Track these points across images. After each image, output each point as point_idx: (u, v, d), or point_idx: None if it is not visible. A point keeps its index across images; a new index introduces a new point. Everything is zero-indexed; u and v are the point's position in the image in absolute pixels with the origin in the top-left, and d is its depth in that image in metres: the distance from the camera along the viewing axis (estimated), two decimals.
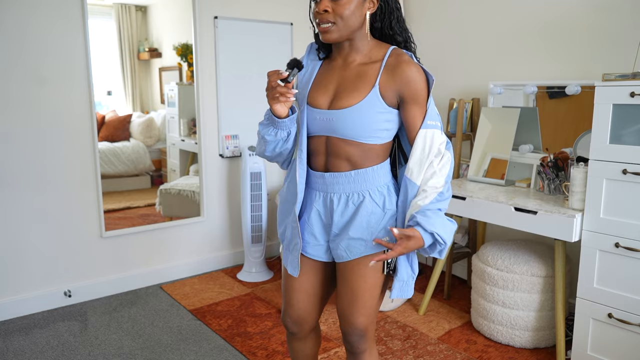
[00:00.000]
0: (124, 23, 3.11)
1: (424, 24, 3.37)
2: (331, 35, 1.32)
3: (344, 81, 1.37)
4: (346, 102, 1.33)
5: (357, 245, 1.41)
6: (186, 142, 3.39)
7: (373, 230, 1.41)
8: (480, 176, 2.73)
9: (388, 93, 1.33)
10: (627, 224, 1.99)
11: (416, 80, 1.33)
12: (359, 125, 1.33)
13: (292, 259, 1.51)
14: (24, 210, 2.71)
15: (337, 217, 1.43)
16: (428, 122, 1.35)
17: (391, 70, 1.33)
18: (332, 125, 1.35)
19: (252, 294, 3.04)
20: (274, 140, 1.40)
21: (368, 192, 1.40)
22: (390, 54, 1.36)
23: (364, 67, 1.36)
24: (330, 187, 1.42)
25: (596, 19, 2.52)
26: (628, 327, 2.02)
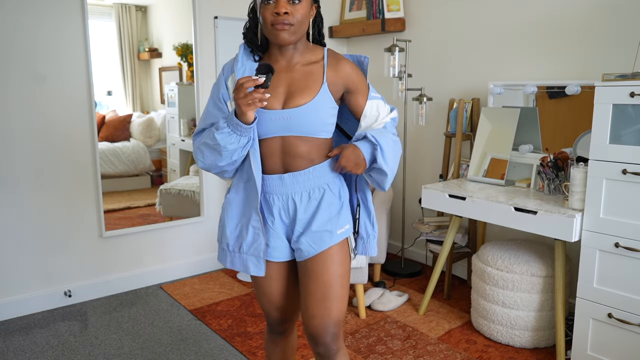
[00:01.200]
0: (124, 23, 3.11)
1: (424, 24, 3.37)
2: (288, 37, 1.36)
3: (294, 82, 1.42)
4: (301, 100, 1.39)
5: (322, 237, 1.44)
6: (186, 142, 3.39)
7: (335, 220, 1.47)
8: (480, 176, 2.73)
9: (334, 88, 1.43)
10: (627, 224, 1.99)
11: (356, 72, 1.46)
12: (315, 121, 1.40)
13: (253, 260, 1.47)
14: (24, 210, 2.71)
15: (300, 215, 1.46)
16: (372, 94, 1.48)
17: (334, 67, 1.44)
18: (289, 123, 1.39)
19: (252, 294, 3.04)
20: (235, 149, 1.37)
21: (327, 185, 1.47)
22: (327, 54, 1.46)
23: (308, 67, 1.44)
24: (290, 188, 1.45)
25: (596, 19, 2.52)
26: (628, 327, 2.02)
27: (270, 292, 1.55)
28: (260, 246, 1.46)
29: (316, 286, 1.45)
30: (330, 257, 1.45)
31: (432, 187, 2.62)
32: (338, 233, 1.46)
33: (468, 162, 2.90)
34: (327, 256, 1.45)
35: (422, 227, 3.10)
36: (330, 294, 1.44)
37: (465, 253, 3.11)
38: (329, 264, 1.45)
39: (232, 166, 1.46)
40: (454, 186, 2.64)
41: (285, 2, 1.34)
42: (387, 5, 3.45)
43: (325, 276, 1.44)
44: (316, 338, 1.45)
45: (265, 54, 1.48)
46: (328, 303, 1.44)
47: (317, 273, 1.45)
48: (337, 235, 1.46)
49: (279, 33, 1.35)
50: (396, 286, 3.16)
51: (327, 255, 1.45)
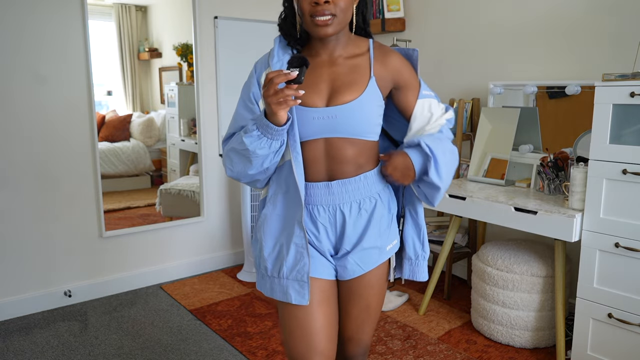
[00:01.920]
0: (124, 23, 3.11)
1: (424, 24, 3.37)
2: (332, 29, 1.19)
3: (339, 77, 1.25)
4: (348, 97, 1.22)
5: (371, 254, 1.28)
6: (186, 142, 3.39)
7: (385, 236, 1.31)
8: (480, 176, 2.73)
9: (383, 83, 1.28)
10: (627, 224, 1.99)
11: (407, 66, 1.31)
12: (363, 120, 1.24)
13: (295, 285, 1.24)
14: (24, 210, 2.71)
15: (349, 230, 1.27)
16: (424, 92, 1.31)
17: (381, 60, 1.28)
18: (334, 123, 1.22)
19: (252, 294, 3.04)
20: (265, 155, 1.19)
21: (378, 195, 1.30)
22: (374, 46, 1.31)
23: (353, 60, 1.28)
24: (338, 198, 1.26)
25: (596, 19, 2.52)
26: (628, 327, 2.02)
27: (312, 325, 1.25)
28: (304, 268, 1.23)
29: (359, 310, 1.33)
30: (376, 277, 1.32)
31: None
32: (387, 249, 1.31)
33: (468, 162, 2.90)
34: (373, 276, 1.31)
35: None
36: (371, 316, 1.35)
37: (465, 253, 3.11)
38: (374, 284, 1.32)
39: (264, 175, 1.27)
40: (454, 186, 2.64)
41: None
42: (387, 5, 3.45)
43: (370, 299, 1.32)
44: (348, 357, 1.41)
45: (304, 47, 1.32)
46: (366, 327, 1.35)
47: (361, 295, 1.31)
48: (387, 252, 1.31)
49: (320, 26, 1.18)
50: (396, 286, 3.16)
51: (373, 274, 1.31)
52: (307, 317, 1.25)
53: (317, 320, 1.25)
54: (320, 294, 1.27)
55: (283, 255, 1.26)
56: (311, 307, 1.25)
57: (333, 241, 1.30)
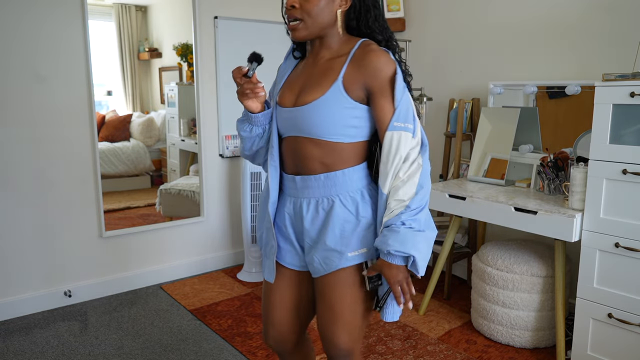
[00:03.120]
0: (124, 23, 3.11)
1: (424, 24, 3.37)
2: (299, 33, 1.26)
3: (311, 78, 1.30)
4: (309, 98, 1.25)
5: (332, 257, 1.30)
6: (186, 142, 3.39)
7: (347, 240, 1.29)
8: (480, 176, 2.73)
9: (353, 86, 1.24)
10: (627, 224, 1.99)
11: (383, 70, 1.23)
12: (323, 122, 1.24)
13: (268, 263, 1.40)
14: (24, 210, 2.71)
15: (307, 225, 1.33)
16: (395, 123, 1.22)
17: (357, 61, 1.24)
18: (297, 123, 1.28)
19: (252, 294, 3.04)
20: (249, 137, 1.37)
21: (338, 197, 1.29)
22: (358, 46, 1.28)
23: (330, 62, 1.29)
24: (300, 192, 1.33)
25: (596, 19, 2.52)
26: (628, 327, 2.02)
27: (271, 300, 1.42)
28: (272, 249, 1.37)
29: (324, 308, 1.34)
30: (339, 281, 1.30)
31: (432, 187, 2.62)
32: (349, 255, 1.29)
33: (468, 162, 2.90)
34: (336, 279, 1.31)
35: None
36: (338, 320, 1.32)
37: (465, 253, 3.11)
38: (337, 288, 1.31)
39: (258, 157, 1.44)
40: (454, 186, 2.64)
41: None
42: (387, 5, 3.45)
43: (334, 301, 1.32)
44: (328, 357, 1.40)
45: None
46: (334, 328, 1.32)
47: (325, 295, 1.33)
48: (348, 258, 1.29)
49: (291, 30, 1.27)
50: None
51: (336, 278, 1.31)
52: (271, 293, 1.42)
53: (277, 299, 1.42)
54: (286, 279, 1.41)
55: (262, 236, 1.43)
56: (276, 286, 1.41)
57: (295, 230, 1.38)
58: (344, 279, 1.31)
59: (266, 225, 1.39)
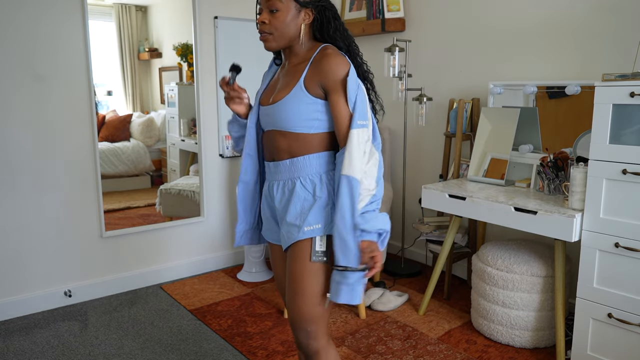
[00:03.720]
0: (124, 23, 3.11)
1: (424, 24, 3.37)
2: (269, 44, 1.49)
3: (283, 80, 1.52)
4: (279, 96, 1.48)
5: (292, 230, 1.47)
6: (186, 142, 3.39)
7: (305, 216, 1.46)
8: (480, 176, 2.73)
9: (312, 84, 1.43)
10: (627, 224, 1.99)
11: (333, 70, 1.40)
12: (288, 116, 1.45)
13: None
14: (24, 210, 2.71)
15: (277, 203, 1.53)
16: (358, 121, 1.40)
17: (315, 64, 1.44)
18: (270, 119, 1.50)
19: (252, 294, 3.04)
20: (238, 136, 1.66)
21: (299, 179, 1.49)
22: (318, 51, 1.47)
23: (297, 66, 1.49)
24: (272, 176, 1.55)
25: (596, 19, 2.52)
26: (628, 327, 2.02)
27: (275, 274, 1.68)
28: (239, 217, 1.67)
29: (287, 280, 1.50)
30: (297, 252, 1.46)
31: (432, 187, 2.62)
32: (305, 230, 1.45)
33: (468, 162, 2.90)
34: (295, 251, 1.47)
35: (422, 227, 3.10)
36: (297, 290, 1.45)
37: (465, 253, 3.11)
38: (295, 258, 1.46)
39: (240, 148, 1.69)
40: (454, 186, 2.64)
41: (266, 13, 1.46)
42: (387, 5, 3.45)
43: (292, 271, 1.47)
44: (293, 331, 1.51)
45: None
46: (296, 299, 1.46)
47: (288, 267, 1.50)
48: (304, 232, 1.45)
49: (263, 42, 1.50)
50: (396, 286, 3.16)
51: (295, 250, 1.47)
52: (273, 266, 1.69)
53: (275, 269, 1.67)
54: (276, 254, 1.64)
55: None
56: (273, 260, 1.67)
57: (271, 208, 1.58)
58: (301, 251, 1.46)
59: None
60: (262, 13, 1.47)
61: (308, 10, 1.47)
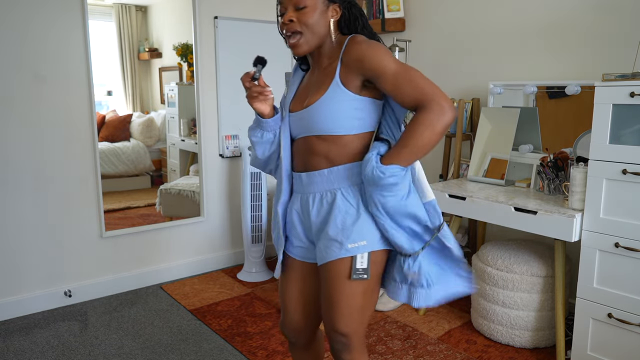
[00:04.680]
0: (124, 23, 3.11)
1: (424, 24, 3.37)
2: (301, 49, 1.36)
3: (314, 83, 1.41)
4: (313, 100, 1.37)
5: (332, 246, 1.36)
6: (186, 142, 3.39)
7: (348, 232, 1.35)
8: (480, 176, 2.73)
9: (348, 78, 1.33)
10: (627, 224, 1.99)
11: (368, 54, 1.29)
12: (327, 117, 1.34)
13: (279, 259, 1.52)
14: (24, 210, 2.71)
15: (313, 217, 1.42)
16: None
17: (347, 56, 1.33)
18: (305, 123, 1.39)
19: (252, 294, 3.04)
20: (260, 142, 1.46)
21: (340, 190, 1.37)
22: (347, 43, 1.35)
23: (329, 66, 1.39)
24: (306, 188, 1.42)
25: (596, 19, 2.52)
26: (628, 327, 2.02)
27: (285, 291, 1.54)
28: (281, 244, 1.49)
29: (323, 296, 1.42)
30: (335, 270, 1.36)
31: (432, 187, 2.62)
32: (349, 247, 1.34)
33: (468, 162, 2.90)
34: (334, 269, 1.36)
35: None
36: (334, 308, 1.38)
37: (465, 253, 3.11)
38: (334, 277, 1.36)
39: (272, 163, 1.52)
40: (454, 186, 2.64)
41: (292, 11, 1.33)
42: (387, 5, 3.45)
43: (330, 290, 1.38)
44: (329, 342, 1.46)
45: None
46: (332, 314, 1.39)
47: (325, 284, 1.40)
48: (347, 250, 1.34)
49: (291, 47, 1.36)
50: None
51: (333, 267, 1.36)
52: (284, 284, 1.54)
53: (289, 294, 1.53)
54: (294, 272, 1.51)
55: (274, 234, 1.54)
56: (286, 280, 1.53)
57: (304, 224, 1.46)
58: (342, 270, 1.36)
59: (277, 222, 1.49)
60: (287, 12, 1.34)
61: (335, 5, 1.37)
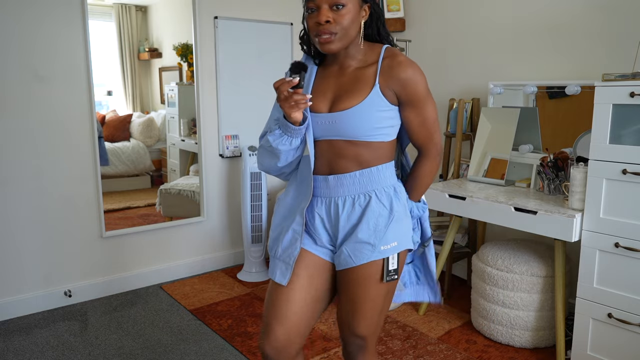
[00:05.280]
0: (124, 23, 3.11)
1: (424, 24, 3.37)
2: (333, 46, 1.29)
3: (343, 85, 1.36)
4: (348, 104, 1.32)
5: (363, 249, 1.34)
6: (186, 142, 3.39)
7: (381, 234, 1.34)
8: (480, 176, 2.73)
9: (386, 91, 1.32)
10: (627, 224, 1.99)
11: (413, 81, 1.32)
12: (363, 125, 1.31)
13: (281, 266, 1.39)
14: (24, 210, 2.71)
15: (343, 222, 1.37)
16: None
17: (388, 70, 1.32)
18: (335, 127, 1.33)
19: (252, 294, 3.04)
20: (287, 150, 1.36)
21: (374, 192, 1.36)
22: (384, 55, 1.35)
23: (361, 71, 1.35)
24: (334, 191, 1.37)
25: (596, 19, 2.52)
26: (628, 327, 2.02)
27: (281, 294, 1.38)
28: (294, 252, 1.38)
29: (346, 300, 1.40)
30: (368, 274, 1.35)
31: (432, 187, 2.62)
32: (382, 249, 1.34)
33: (468, 162, 2.90)
34: (364, 272, 1.35)
35: None
36: (357, 312, 1.38)
37: (465, 253, 3.11)
38: (363, 280, 1.35)
39: (289, 168, 1.45)
40: (454, 186, 2.64)
41: (327, 10, 1.26)
42: (387, 5, 3.45)
43: (356, 294, 1.37)
44: (344, 344, 1.48)
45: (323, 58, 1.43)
46: (354, 320, 1.39)
47: (350, 289, 1.38)
48: (380, 252, 1.34)
49: (322, 44, 1.29)
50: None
51: (365, 271, 1.35)
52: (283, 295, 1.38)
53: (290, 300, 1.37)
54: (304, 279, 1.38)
55: (280, 238, 1.42)
56: (290, 288, 1.37)
57: (329, 231, 1.40)
58: (372, 273, 1.36)
59: (293, 227, 1.39)
60: (321, 10, 1.27)
61: (366, 5, 1.33)
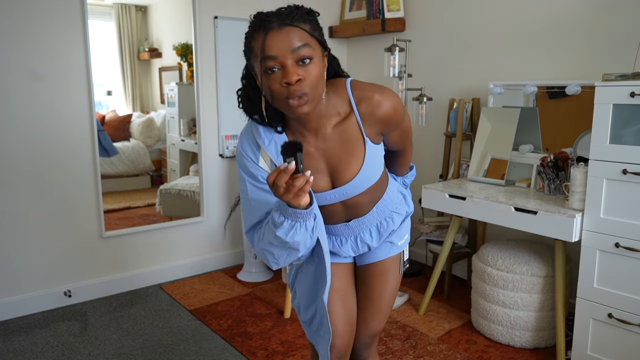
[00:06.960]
0: (124, 23, 3.11)
1: (424, 24, 3.37)
2: (306, 108, 1.10)
3: (332, 154, 1.23)
4: (350, 173, 1.24)
5: (383, 247, 1.44)
6: (186, 142, 3.39)
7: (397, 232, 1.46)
8: (480, 176, 2.73)
9: (375, 136, 1.26)
10: (627, 224, 1.99)
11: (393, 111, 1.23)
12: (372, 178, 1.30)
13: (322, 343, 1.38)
14: (24, 210, 2.71)
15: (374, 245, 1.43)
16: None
17: (369, 117, 1.21)
18: (349, 193, 1.29)
19: (252, 294, 3.04)
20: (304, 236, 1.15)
21: (392, 211, 1.43)
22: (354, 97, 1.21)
23: (341, 128, 1.22)
24: (357, 229, 1.40)
25: (596, 19, 2.52)
26: (628, 327, 2.02)
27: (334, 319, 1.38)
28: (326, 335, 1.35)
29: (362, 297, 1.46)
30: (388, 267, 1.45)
31: (432, 187, 2.62)
32: (399, 244, 1.46)
33: (468, 162, 2.90)
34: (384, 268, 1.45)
35: (422, 227, 3.09)
36: (373, 307, 1.45)
37: (465, 253, 3.11)
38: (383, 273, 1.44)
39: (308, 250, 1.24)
40: (454, 186, 2.64)
41: (293, 66, 1.07)
42: (387, 5, 3.45)
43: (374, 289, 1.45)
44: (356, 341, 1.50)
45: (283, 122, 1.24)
46: (367, 315, 1.45)
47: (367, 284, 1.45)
48: (397, 247, 1.46)
49: (295, 108, 1.09)
50: None
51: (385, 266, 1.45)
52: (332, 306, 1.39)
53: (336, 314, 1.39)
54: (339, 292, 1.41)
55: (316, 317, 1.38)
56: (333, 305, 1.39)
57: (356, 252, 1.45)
58: (393, 266, 1.45)
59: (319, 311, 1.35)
60: (287, 68, 1.07)
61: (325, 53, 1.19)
